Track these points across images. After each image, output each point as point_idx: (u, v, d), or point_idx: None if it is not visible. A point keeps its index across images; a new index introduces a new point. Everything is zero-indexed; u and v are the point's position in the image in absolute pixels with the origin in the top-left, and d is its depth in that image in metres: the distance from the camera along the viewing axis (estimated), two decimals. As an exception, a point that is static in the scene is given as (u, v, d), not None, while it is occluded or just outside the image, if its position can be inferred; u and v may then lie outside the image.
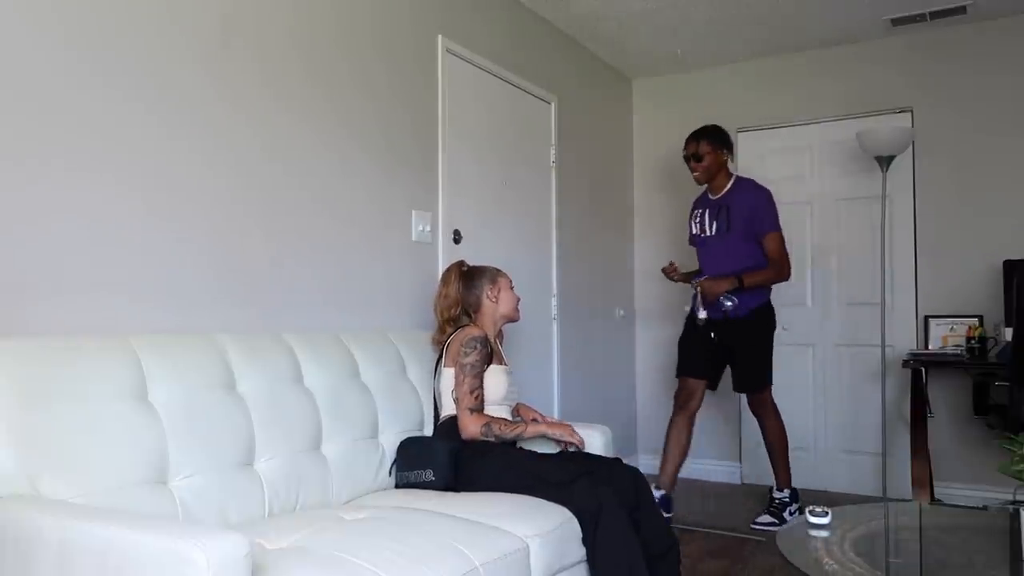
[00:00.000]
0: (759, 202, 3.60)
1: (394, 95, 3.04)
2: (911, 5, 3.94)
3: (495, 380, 2.62)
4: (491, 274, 2.80)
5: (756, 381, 3.70)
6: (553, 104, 4.11)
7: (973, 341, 3.83)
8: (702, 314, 3.52)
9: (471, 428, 2.49)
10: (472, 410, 2.51)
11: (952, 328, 4.06)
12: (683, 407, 3.69)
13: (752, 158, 4.71)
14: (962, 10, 3.97)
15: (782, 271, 3.61)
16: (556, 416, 3.81)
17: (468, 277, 2.78)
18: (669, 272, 3.67)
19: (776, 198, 3.51)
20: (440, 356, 2.69)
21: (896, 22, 4.12)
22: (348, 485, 2.31)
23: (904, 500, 3.93)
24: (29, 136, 1.86)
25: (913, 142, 4.16)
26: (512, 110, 3.80)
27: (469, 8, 3.51)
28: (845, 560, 1.92)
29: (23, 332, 1.80)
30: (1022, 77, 4.06)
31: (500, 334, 2.86)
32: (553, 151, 4.12)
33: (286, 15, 2.56)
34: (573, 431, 2.60)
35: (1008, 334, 3.47)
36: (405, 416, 2.60)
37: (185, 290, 2.21)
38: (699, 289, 3.54)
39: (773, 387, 3.73)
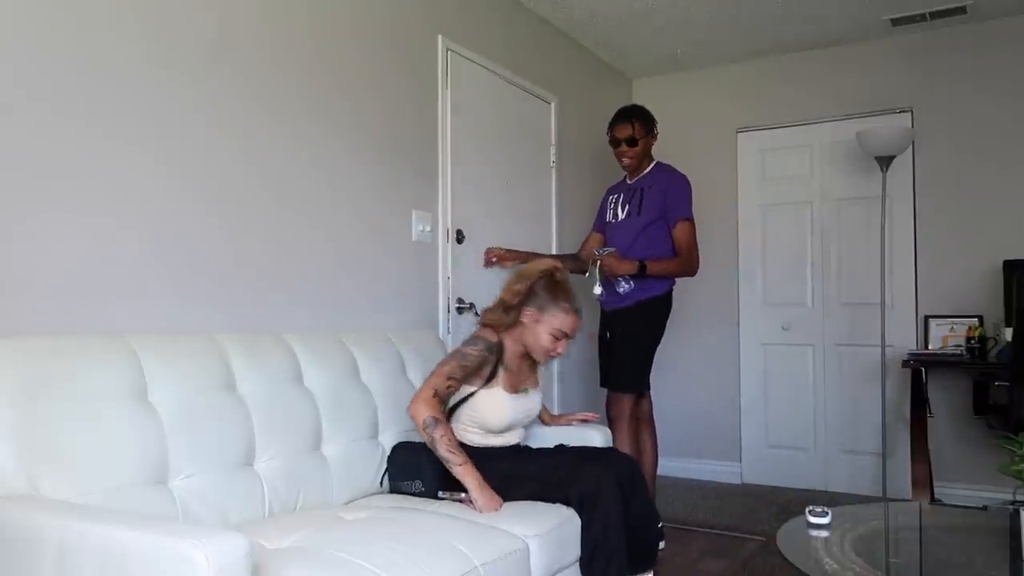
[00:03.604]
0: (675, 186, 3.33)
1: (394, 96, 3.04)
2: (911, 5, 3.93)
3: (492, 403, 2.41)
4: (548, 302, 2.45)
5: (618, 379, 3.34)
6: (553, 104, 4.11)
7: (973, 341, 3.83)
8: (597, 290, 3.24)
9: (419, 408, 2.26)
10: (435, 393, 2.29)
11: (952, 328, 4.06)
12: (612, 420, 3.30)
13: (752, 158, 4.72)
14: (962, 10, 3.97)
15: (689, 264, 3.30)
16: (556, 411, 3.76)
17: (542, 286, 2.48)
18: (497, 258, 3.40)
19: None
20: None
21: (896, 22, 4.12)
22: (348, 485, 2.31)
23: (904, 500, 3.93)
24: (29, 137, 1.86)
25: (913, 142, 4.16)
26: (512, 110, 3.80)
27: (469, 8, 3.51)
28: (845, 560, 1.92)
29: (24, 332, 1.80)
30: (1022, 77, 4.06)
31: (531, 360, 2.55)
32: (553, 151, 4.12)
33: (287, 15, 2.56)
34: (481, 507, 2.15)
35: (1008, 334, 3.47)
36: (405, 416, 2.58)
37: (185, 290, 2.21)
38: (600, 263, 3.25)
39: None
